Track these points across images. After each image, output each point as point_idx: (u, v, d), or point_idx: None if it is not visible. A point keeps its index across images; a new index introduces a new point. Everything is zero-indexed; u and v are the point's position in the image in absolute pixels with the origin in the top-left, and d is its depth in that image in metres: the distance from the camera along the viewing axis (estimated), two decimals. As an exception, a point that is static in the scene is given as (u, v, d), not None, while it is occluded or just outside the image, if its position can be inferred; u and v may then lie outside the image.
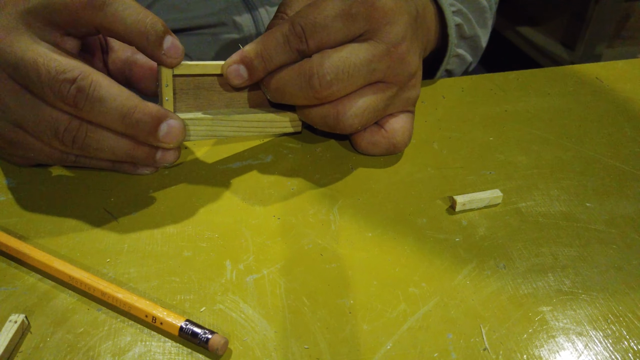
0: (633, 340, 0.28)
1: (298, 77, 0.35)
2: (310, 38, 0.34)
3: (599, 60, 1.39)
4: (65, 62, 0.32)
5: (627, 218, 0.35)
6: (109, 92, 0.32)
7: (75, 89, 0.32)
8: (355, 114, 0.36)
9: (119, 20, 0.32)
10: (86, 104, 0.32)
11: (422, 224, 0.35)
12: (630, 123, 0.43)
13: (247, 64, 0.35)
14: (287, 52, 0.35)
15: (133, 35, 0.33)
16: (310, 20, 0.34)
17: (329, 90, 0.35)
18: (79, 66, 0.32)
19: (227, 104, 0.38)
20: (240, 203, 0.36)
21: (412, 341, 0.28)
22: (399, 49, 0.36)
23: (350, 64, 0.35)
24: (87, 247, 0.33)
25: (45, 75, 0.31)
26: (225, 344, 0.27)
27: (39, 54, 0.32)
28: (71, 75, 0.31)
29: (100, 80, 0.32)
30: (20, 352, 0.28)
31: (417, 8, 0.39)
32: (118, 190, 0.37)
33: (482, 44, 0.54)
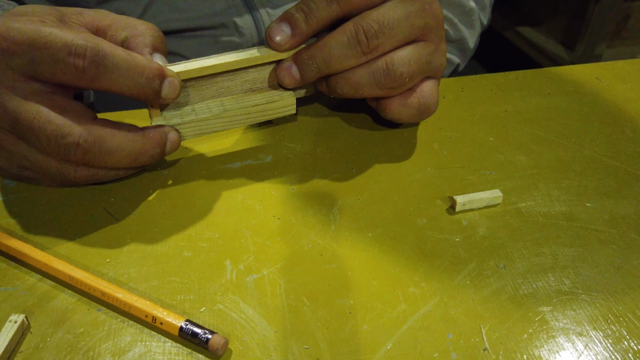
0: (633, 340, 0.28)
1: (344, 35, 0.35)
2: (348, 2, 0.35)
3: (599, 60, 1.39)
4: (62, 123, 0.32)
5: (627, 218, 0.35)
6: (115, 144, 0.33)
7: (81, 152, 0.32)
8: (403, 62, 0.36)
9: (115, 85, 0.32)
10: (96, 159, 0.33)
11: (422, 224, 0.35)
12: (630, 123, 0.43)
13: (288, 19, 0.35)
14: (327, 6, 0.35)
15: (132, 95, 0.33)
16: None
17: (376, 42, 0.35)
18: (77, 128, 0.32)
19: (218, 94, 0.37)
20: (240, 203, 0.36)
21: (412, 341, 0.28)
22: (432, 6, 0.37)
23: (390, 18, 0.35)
24: (87, 247, 0.33)
25: (46, 142, 0.32)
26: (225, 344, 0.27)
27: (33, 116, 0.31)
28: (72, 140, 0.32)
29: (104, 134, 0.33)
30: (21, 352, 0.28)
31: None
32: (118, 190, 0.37)
33: (470, 45, 0.54)
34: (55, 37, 0.30)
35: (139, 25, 0.35)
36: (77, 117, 0.32)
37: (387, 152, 0.40)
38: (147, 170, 0.38)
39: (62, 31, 0.31)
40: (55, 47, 0.30)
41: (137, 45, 0.34)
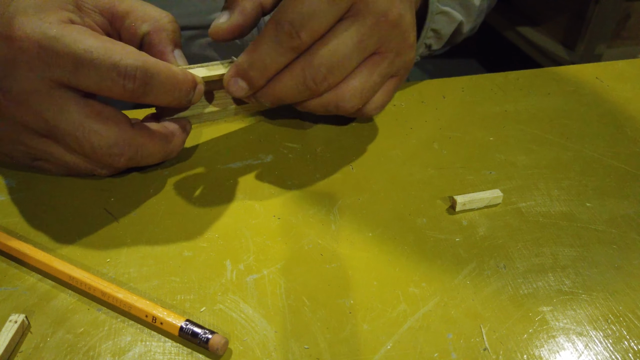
0: (633, 340, 0.28)
1: (292, 81, 0.34)
2: (302, 31, 0.33)
3: (599, 60, 1.39)
4: (106, 133, 0.32)
5: (627, 218, 0.35)
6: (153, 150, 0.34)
7: (124, 161, 0.33)
8: (354, 95, 0.35)
9: (155, 101, 0.33)
10: (134, 163, 0.35)
11: (422, 224, 0.35)
12: (630, 123, 0.43)
13: (243, 76, 0.35)
14: (282, 54, 0.33)
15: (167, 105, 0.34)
16: (296, 14, 0.32)
17: (325, 84, 0.34)
18: (121, 137, 0.32)
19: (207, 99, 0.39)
20: (240, 203, 0.36)
21: (412, 341, 0.28)
22: (389, 17, 0.34)
23: (340, 54, 0.34)
24: (87, 247, 0.33)
25: (90, 150, 0.32)
26: (225, 344, 0.27)
27: (76, 127, 0.32)
28: (117, 150, 0.33)
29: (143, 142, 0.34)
30: (21, 352, 0.28)
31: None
32: (118, 190, 0.37)
33: (475, 2, 0.49)
34: (103, 56, 0.30)
35: (159, 16, 0.35)
36: (117, 123, 0.33)
37: (387, 152, 0.40)
38: (147, 170, 0.38)
39: (105, 46, 0.30)
40: (104, 67, 0.30)
41: (161, 42, 0.34)
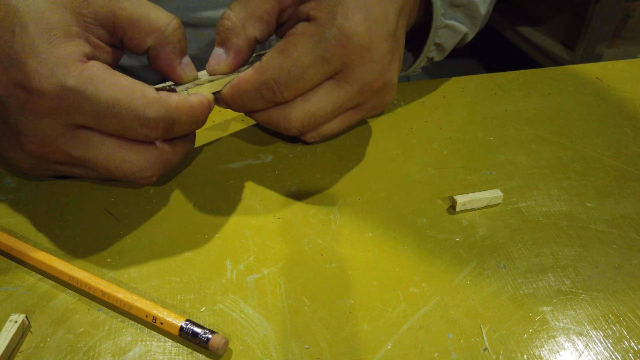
0: (633, 340, 0.28)
1: (267, 119, 0.37)
2: (285, 90, 0.34)
3: (599, 60, 1.39)
4: (136, 161, 0.32)
5: (627, 218, 0.35)
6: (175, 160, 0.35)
7: (156, 178, 0.34)
8: (303, 126, 0.36)
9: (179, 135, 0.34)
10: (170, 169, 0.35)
11: (423, 223, 0.35)
12: (630, 123, 0.43)
13: (225, 103, 0.36)
14: (262, 102, 0.35)
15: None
16: (284, 74, 0.34)
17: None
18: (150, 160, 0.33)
19: None
20: (240, 203, 0.36)
21: (413, 341, 0.28)
22: (373, 86, 0.36)
23: (316, 112, 0.36)
24: (87, 247, 0.33)
25: (124, 178, 0.33)
26: (225, 344, 0.27)
27: (107, 160, 0.32)
28: (150, 173, 0.33)
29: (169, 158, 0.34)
30: (21, 352, 0.28)
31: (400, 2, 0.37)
32: (118, 190, 0.37)
33: (481, 11, 0.48)
34: (126, 110, 0.30)
35: (163, 26, 0.34)
36: (144, 146, 0.33)
37: (387, 152, 0.40)
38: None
39: (127, 95, 0.30)
40: (127, 119, 0.30)
41: (167, 57, 0.34)
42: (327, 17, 0.33)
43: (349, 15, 0.33)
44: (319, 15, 0.34)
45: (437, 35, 0.44)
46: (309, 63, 0.34)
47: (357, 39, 0.34)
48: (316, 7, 0.34)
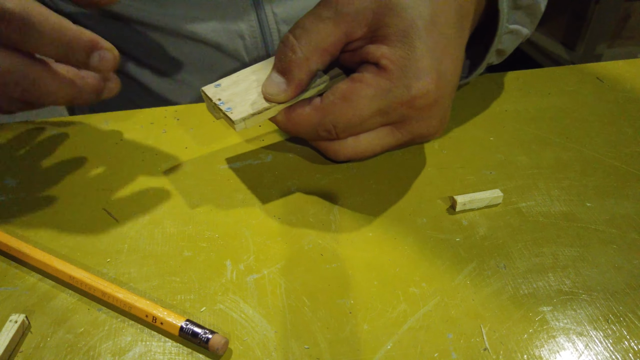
0: (633, 340, 0.28)
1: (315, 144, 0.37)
2: (342, 134, 0.35)
3: (599, 60, 1.39)
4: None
5: (627, 218, 0.35)
6: (54, 88, 0.32)
7: (20, 91, 0.31)
8: (349, 159, 0.37)
9: (42, 52, 0.31)
10: (40, 97, 0.32)
11: (423, 224, 0.35)
12: (630, 123, 0.43)
13: (278, 126, 0.36)
14: (315, 136, 0.35)
15: (60, 61, 0.32)
16: (344, 120, 0.34)
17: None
18: (16, 65, 0.30)
19: None
20: (240, 203, 0.36)
21: (413, 341, 0.28)
22: (427, 138, 0.37)
23: (365, 154, 0.36)
24: (87, 247, 0.33)
25: None
26: (225, 344, 0.27)
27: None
28: (12, 78, 0.31)
29: (45, 76, 0.31)
30: (21, 352, 0.28)
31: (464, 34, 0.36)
32: (118, 190, 0.37)
33: (542, 8, 0.46)
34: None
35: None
36: (14, 52, 0.30)
37: (387, 152, 0.40)
38: (147, 170, 0.38)
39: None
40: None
41: None
42: (398, 72, 0.32)
43: (420, 75, 0.32)
44: (390, 68, 0.33)
45: (500, 41, 0.42)
46: (370, 115, 0.33)
47: (424, 100, 0.33)
48: (389, 56, 0.32)
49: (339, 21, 0.33)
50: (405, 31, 0.32)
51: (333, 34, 0.33)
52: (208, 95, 0.35)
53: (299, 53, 0.33)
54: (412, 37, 0.32)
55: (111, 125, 0.43)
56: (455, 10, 0.34)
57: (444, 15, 0.33)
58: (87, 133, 0.42)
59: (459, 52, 0.35)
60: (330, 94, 0.34)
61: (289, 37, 0.34)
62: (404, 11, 0.32)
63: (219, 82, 0.36)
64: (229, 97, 0.35)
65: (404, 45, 0.32)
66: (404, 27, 0.32)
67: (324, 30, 0.33)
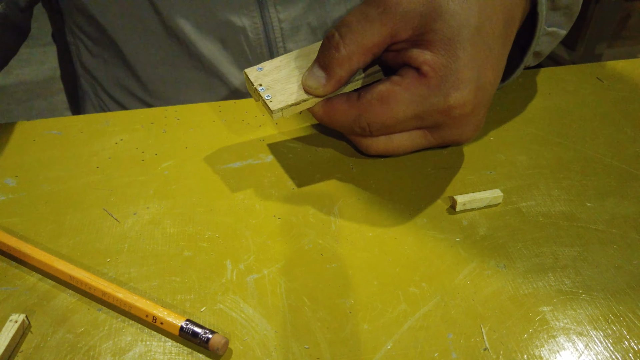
0: (633, 340, 0.28)
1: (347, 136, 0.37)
2: (376, 132, 0.35)
3: (599, 60, 1.39)
4: None
5: (627, 218, 0.35)
6: None
7: None
8: (379, 154, 0.38)
9: None
10: None
11: (423, 224, 0.35)
12: (630, 123, 0.43)
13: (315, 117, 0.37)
14: (349, 130, 0.36)
15: None
16: (379, 121, 0.34)
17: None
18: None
19: None
20: (240, 203, 0.36)
21: (413, 341, 0.28)
22: (459, 142, 0.37)
23: (396, 152, 0.37)
24: (87, 247, 0.33)
25: None
26: (225, 344, 0.27)
27: None
28: None
29: None
30: (21, 352, 0.28)
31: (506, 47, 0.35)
32: (118, 190, 0.37)
33: (579, 7, 0.44)
34: None
35: None
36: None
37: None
38: (147, 170, 0.38)
39: None
40: None
41: None
42: (437, 81, 0.33)
43: (460, 86, 0.33)
44: (431, 75, 0.33)
45: (538, 44, 0.41)
46: (405, 118, 0.34)
47: (460, 110, 0.33)
48: (431, 63, 0.32)
49: (385, 22, 0.33)
50: (450, 39, 0.32)
51: (378, 34, 0.33)
52: (250, 79, 0.35)
53: (343, 51, 0.33)
54: (456, 46, 0.32)
55: (111, 125, 0.43)
56: (503, 20, 0.34)
57: (491, 25, 0.33)
58: (87, 133, 0.42)
59: (501, 63, 0.35)
60: (369, 93, 0.34)
61: (335, 34, 0.34)
62: (451, 18, 0.32)
63: (261, 65, 0.36)
64: (270, 84, 0.35)
65: (447, 54, 0.32)
66: (450, 34, 0.32)
67: (369, 30, 0.33)
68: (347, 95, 0.35)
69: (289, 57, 0.37)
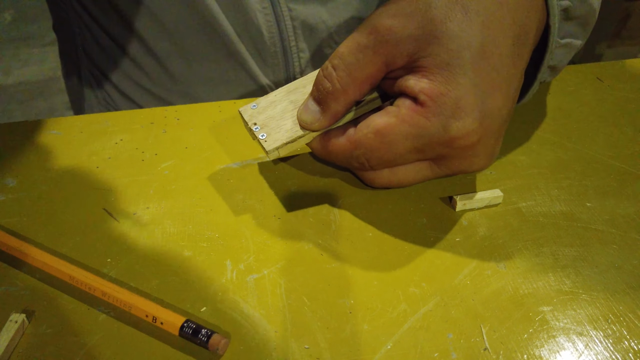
0: (633, 340, 0.28)
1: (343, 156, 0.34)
2: (376, 167, 0.33)
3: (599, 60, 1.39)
4: None
5: (627, 218, 0.35)
6: None
7: None
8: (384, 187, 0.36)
9: None
10: None
11: (422, 224, 0.35)
12: (630, 123, 0.43)
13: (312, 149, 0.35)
14: (349, 166, 0.34)
15: None
16: (377, 156, 0.32)
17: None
18: None
19: None
20: (240, 203, 0.36)
21: (413, 341, 0.28)
22: (469, 172, 0.34)
23: (401, 184, 0.35)
24: (87, 247, 0.33)
25: None
26: (225, 344, 0.27)
27: None
28: None
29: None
30: (21, 352, 0.28)
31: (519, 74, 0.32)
32: (118, 190, 0.37)
33: (596, 15, 0.41)
34: None
35: None
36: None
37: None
38: (146, 170, 0.38)
39: None
40: None
41: None
42: (435, 109, 0.30)
43: (461, 115, 0.29)
44: (428, 104, 0.30)
45: (552, 58, 0.37)
46: (404, 152, 0.31)
47: (464, 141, 0.30)
48: (427, 91, 0.30)
49: (378, 50, 0.30)
50: (448, 64, 0.29)
51: (372, 64, 0.31)
52: (244, 118, 0.35)
53: (336, 84, 0.32)
54: (455, 71, 0.29)
55: (111, 125, 0.43)
56: (513, 38, 0.31)
57: (498, 44, 0.30)
58: (87, 133, 0.42)
59: (512, 84, 0.31)
60: (365, 127, 0.32)
61: (328, 66, 0.32)
62: (450, 41, 0.29)
63: (255, 102, 0.35)
64: (265, 122, 0.34)
65: (446, 80, 0.29)
66: (448, 59, 0.29)
67: (362, 60, 0.31)
68: (344, 129, 0.33)
69: (284, 90, 0.36)
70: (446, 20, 0.29)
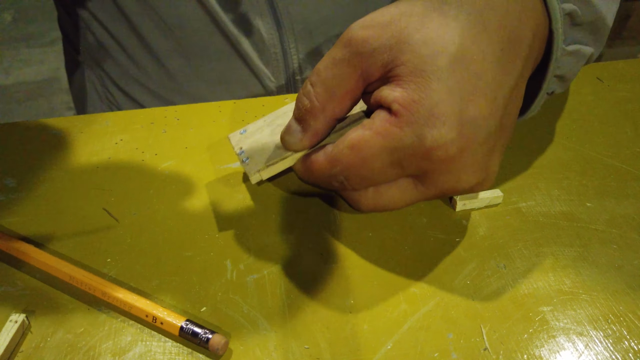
0: (633, 340, 0.28)
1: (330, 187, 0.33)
2: (356, 185, 0.31)
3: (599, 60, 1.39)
4: None
5: (627, 218, 0.35)
6: None
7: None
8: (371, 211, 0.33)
9: None
10: None
11: (422, 224, 0.35)
12: (630, 123, 0.43)
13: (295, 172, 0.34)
14: (332, 187, 0.32)
15: None
16: (354, 173, 0.30)
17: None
18: None
19: None
20: (240, 203, 0.36)
21: (413, 341, 0.28)
22: (459, 191, 0.31)
23: (389, 207, 0.32)
24: (87, 247, 0.33)
25: None
26: (225, 344, 0.27)
27: None
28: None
29: None
30: (21, 352, 0.28)
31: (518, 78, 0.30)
32: (118, 190, 0.37)
33: (609, 23, 0.38)
34: None
35: None
36: None
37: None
38: (147, 171, 0.38)
39: None
40: None
41: None
42: (409, 118, 0.28)
43: (435, 123, 0.27)
44: (402, 113, 0.28)
45: (557, 67, 0.35)
46: (380, 167, 0.30)
47: (442, 152, 0.28)
48: (400, 100, 0.28)
49: (353, 62, 0.29)
50: (422, 70, 0.28)
51: (349, 77, 0.30)
52: (232, 143, 0.35)
53: (315, 102, 0.30)
54: (429, 77, 0.28)
55: (111, 125, 0.43)
56: (500, 42, 0.29)
57: (481, 49, 0.28)
58: (87, 133, 0.42)
59: (500, 91, 0.29)
60: (340, 142, 0.30)
61: (307, 84, 0.31)
62: (423, 46, 0.28)
63: (245, 127, 0.36)
64: (250, 145, 0.34)
65: (419, 87, 0.28)
66: (422, 65, 0.28)
67: (338, 74, 0.30)
68: (324, 148, 0.31)
69: (272, 115, 0.36)
70: (422, 27, 0.28)
